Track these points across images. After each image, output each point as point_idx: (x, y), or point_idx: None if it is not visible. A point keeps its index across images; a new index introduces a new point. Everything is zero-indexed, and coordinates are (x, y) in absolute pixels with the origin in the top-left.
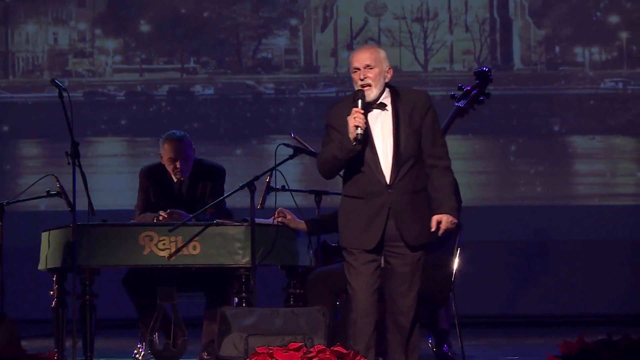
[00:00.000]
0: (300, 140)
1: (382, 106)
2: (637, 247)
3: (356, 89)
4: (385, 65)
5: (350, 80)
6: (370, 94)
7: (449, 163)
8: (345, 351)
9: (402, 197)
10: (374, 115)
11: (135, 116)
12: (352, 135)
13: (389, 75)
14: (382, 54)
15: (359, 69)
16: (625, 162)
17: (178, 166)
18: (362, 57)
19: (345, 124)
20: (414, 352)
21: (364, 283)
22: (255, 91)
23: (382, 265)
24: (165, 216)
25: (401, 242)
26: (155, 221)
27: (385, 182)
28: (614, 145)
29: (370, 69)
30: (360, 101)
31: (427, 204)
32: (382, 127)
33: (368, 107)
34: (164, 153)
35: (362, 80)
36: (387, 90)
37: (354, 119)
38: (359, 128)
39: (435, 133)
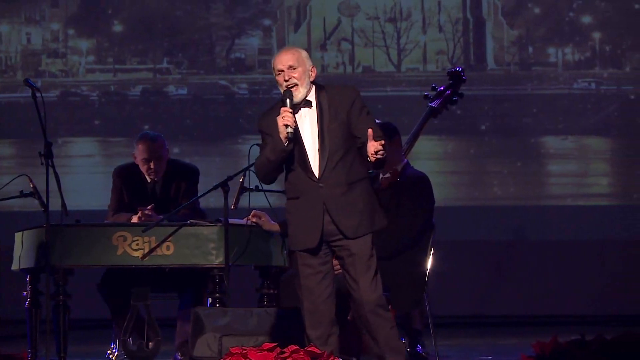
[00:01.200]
0: None
1: (308, 104)
2: (610, 248)
3: (282, 91)
4: (309, 65)
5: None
6: (298, 94)
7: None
8: (318, 351)
9: (335, 190)
10: (302, 114)
11: (109, 116)
12: (282, 135)
13: (313, 74)
14: (304, 53)
15: (282, 71)
16: (598, 162)
17: (152, 167)
18: (284, 59)
19: (277, 127)
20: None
21: (311, 295)
22: (228, 91)
23: (337, 271)
24: (149, 213)
25: (340, 235)
26: (132, 219)
27: (315, 177)
28: (587, 145)
29: (294, 69)
30: (288, 100)
31: (367, 195)
32: (310, 124)
33: (296, 107)
34: (138, 153)
35: (287, 81)
36: (313, 88)
37: (283, 118)
38: (289, 127)
39: (366, 118)
